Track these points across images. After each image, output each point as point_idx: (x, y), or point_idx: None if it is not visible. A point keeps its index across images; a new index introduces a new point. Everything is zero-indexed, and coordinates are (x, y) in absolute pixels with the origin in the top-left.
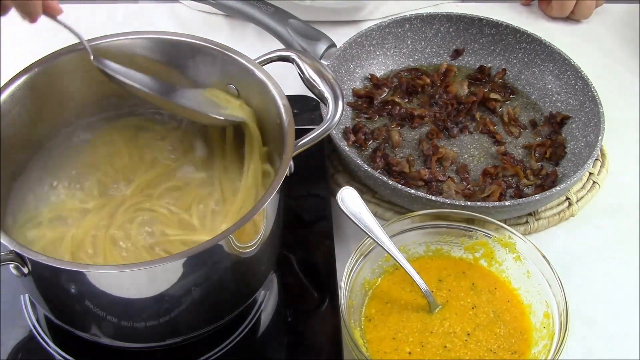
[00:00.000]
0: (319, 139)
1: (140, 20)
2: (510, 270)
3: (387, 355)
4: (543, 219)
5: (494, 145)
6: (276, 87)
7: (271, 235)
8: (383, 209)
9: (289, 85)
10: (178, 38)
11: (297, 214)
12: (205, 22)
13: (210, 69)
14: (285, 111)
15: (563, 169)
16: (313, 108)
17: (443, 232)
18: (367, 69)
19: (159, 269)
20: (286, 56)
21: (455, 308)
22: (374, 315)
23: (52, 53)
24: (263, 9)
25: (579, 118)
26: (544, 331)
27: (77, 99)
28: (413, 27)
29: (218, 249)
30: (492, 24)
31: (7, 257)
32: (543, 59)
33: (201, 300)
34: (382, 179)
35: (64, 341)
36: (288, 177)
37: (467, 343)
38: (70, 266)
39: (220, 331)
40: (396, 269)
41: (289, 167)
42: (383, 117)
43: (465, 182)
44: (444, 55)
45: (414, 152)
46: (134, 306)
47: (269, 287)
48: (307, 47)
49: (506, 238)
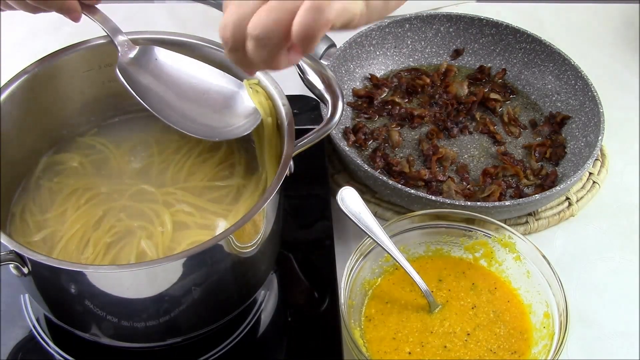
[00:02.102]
0: (319, 139)
1: (140, 20)
2: (510, 270)
3: (387, 355)
4: (543, 219)
5: (494, 145)
6: (276, 87)
7: (271, 235)
8: (383, 209)
9: (289, 85)
10: (178, 38)
11: (297, 214)
12: (205, 22)
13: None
14: (285, 111)
15: (563, 169)
16: (313, 108)
17: (443, 232)
18: (367, 69)
19: (159, 269)
20: None
21: (455, 308)
22: (374, 315)
23: (52, 53)
24: None
25: (579, 118)
26: (544, 331)
27: (77, 99)
28: (413, 27)
29: (218, 249)
30: (492, 24)
31: (7, 257)
32: (543, 59)
33: (201, 300)
34: (382, 179)
35: (64, 341)
36: (288, 177)
37: (467, 343)
38: (70, 266)
39: (220, 331)
40: (396, 269)
41: (289, 167)
42: (383, 117)
43: (465, 182)
44: (444, 55)
45: (414, 152)
46: (134, 306)
47: (269, 287)
48: None
49: (506, 238)
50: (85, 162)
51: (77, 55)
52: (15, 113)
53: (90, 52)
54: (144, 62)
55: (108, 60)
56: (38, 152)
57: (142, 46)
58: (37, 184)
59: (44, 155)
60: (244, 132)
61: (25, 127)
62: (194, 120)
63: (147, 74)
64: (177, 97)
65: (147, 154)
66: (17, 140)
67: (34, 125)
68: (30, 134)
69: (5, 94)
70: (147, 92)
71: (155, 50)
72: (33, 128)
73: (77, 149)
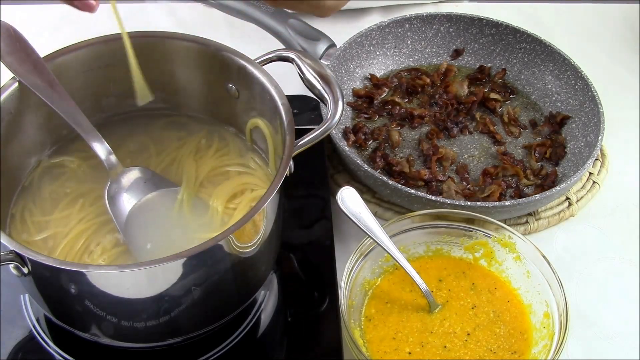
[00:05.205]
0: (319, 139)
1: (140, 20)
2: (510, 270)
3: (387, 355)
4: (543, 219)
5: (494, 145)
6: (276, 87)
7: (271, 235)
8: (383, 209)
9: (289, 85)
10: (177, 38)
11: (297, 214)
12: (205, 22)
13: (209, 69)
14: (285, 111)
15: (563, 169)
16: (313, 108)
17: (443, 232)
18: (367, 69)
19: (159, 269)
20: (286, 56)
21: (455, 308)
22: (374, 315)
23: (52, 53)
24: (263, 9)
25: (579, 118)
26: (544, 331)
27: (77, 99)
28: (413, 27)
29: (218, 249)
30: (492, 24)
31: (7, 257)
32: (543, 59)
33: (201, 300)
34: (382, 179)
35: (64, 341)
36: (288, 177)
37: (467, 343)
38: (70, 266)
39: (220, 331)
40: (396, 269)
41: (289, 167)
42: (383, 117)
43: (465, 182)
44: (444, 55)
45: (414, 152)
46: (134, 306)
47: (269, 287)
48: (307, 47)
49: (506, 238)
50: (84, 164)
51: (77, 55)
52: (15, 113)
53: (90, 52)
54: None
55: (108, 61)
56: (38, 152)
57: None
58: (38, 185)
59: (44, 156)
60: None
61: (25, 127)
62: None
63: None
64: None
65: (147, 155)
66: (17, 140)
67: (34, 125)
68: (30, 134)
69: (5, 94)
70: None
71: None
72: (33, 128)
73: (77, 150)
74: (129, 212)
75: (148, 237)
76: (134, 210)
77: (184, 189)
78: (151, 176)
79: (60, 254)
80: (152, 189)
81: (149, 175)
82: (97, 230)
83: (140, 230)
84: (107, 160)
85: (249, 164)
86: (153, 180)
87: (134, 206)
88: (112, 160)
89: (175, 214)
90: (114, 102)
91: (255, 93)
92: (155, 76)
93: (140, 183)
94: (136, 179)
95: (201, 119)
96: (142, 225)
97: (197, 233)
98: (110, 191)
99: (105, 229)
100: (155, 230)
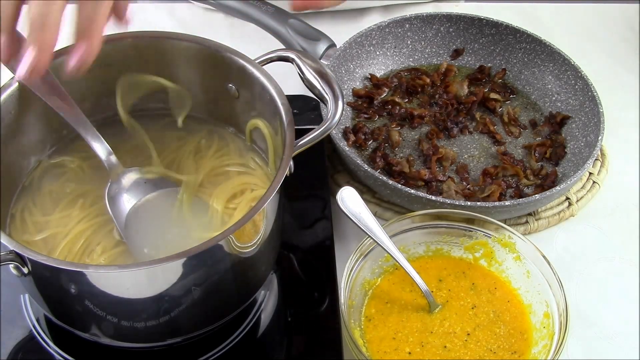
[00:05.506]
0: (319, 139)
1: (140, 20)
2: (510, 270)
3: (387, 355)
4: (543, 219)
5: (494, 145)
6: (276, 87)
7: (271, 235)
8: (383, 209)
9: (289, 85)
10: (177, 38)
11: (297, 213)
12: (205, 22)
13: (209, 69)
14: (285, 111)
15: (563, 169)
16: (313, 108)
17: (443, 232)
18: (367, 69)
19: (159, 269)
20: (286, 56)
21: (455, 308)
22: (374, 315)
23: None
24: (263, 9)
25: (579, 118)
26: (544, 331)
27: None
28: (413, 27)
29: (218, 249)
30: (492, 24)
31: (7, 257)
32: (543, 59)
33: (201, 300)
34: (382, 179)
35: (64, 341)
36: (288, 177)
37: (467, 343)
38: (70, 266)
39: (220, 331)
40: (396, 269)
41: (289, 167)
42: (383, 117)
43: (465, 182)
44: (444, 55)
45: (414, 152)
46: (134, 306)
47: (269, 287)
48: (307, 47)
49: (506, 238)
50: (84, 164)
51: None
52: (15, 113)
53: None
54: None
55: (108, 60)
56: (38, 152)
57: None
58: (38, 185)
59: (44, 156)
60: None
61: (25, 127)
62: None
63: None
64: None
65: (147, 155)
66: (17, 140)
67: (34, 126)
68: (30, 134)
69: (5, 94)
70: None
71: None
72: (33, 128)
73: (77, 150)
74: (129, 212)
75: (148, 237)
76: (134, 211)
77: (184, 189)
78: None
79: (60, 254)
80: (152, 189)
81: (149, 176)
82: (97, 230)
83: (141, 230)
84: (107, 161)
85: (248, 164)
86: (153, 180)
87: (134, 206)
88: (113, 161)
89: (175, 214)
90: (114, 103)
91: (255, 93)
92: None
93: (141, 183)
94: (136, 179)
95: (201, 119)
96: (142, 225)
97: (197, 233)
98: (110, 191)
99: (105, 229)
100: (156, 231)
